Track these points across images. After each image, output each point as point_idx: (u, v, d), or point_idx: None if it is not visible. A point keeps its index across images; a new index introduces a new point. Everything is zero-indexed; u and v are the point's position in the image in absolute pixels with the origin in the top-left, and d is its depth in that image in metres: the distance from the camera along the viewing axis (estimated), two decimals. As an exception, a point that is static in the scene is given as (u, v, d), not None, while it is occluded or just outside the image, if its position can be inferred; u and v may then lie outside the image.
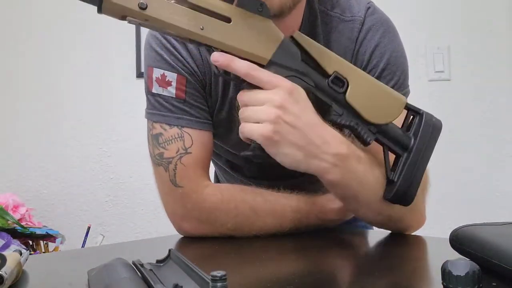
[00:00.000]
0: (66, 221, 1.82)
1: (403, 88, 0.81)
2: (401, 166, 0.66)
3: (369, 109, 0.64)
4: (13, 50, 1.90)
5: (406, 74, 0.82)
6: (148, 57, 0.80)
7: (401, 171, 0.66)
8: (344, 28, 0.81)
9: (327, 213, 0.79)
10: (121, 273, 0.46)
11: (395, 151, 0.67)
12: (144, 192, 1.82)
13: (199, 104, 0.78)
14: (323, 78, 0.64)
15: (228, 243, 0.82)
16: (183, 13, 0.57)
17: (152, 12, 0.55)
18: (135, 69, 1.83)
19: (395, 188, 0.65)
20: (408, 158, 0.66)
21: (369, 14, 0.81)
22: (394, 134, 0.67)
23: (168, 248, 0.56)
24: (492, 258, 0.47)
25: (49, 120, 1.86)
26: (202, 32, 0.57)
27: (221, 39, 0.58)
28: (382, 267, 0.60)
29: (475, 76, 1.73)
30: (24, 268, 0.57)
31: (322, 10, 0.81)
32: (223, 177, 1.07)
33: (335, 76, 0.64)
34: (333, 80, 0.63)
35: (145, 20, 0.56)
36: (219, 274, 0.36)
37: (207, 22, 0.58)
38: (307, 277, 0.53)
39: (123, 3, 0.54)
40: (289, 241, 0.77)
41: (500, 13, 1.73)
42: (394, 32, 0.83)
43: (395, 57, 0.80)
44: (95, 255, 0.76)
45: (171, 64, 0.76)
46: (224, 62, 0.59)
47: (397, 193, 0.66)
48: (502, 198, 1.69)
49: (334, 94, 0.63)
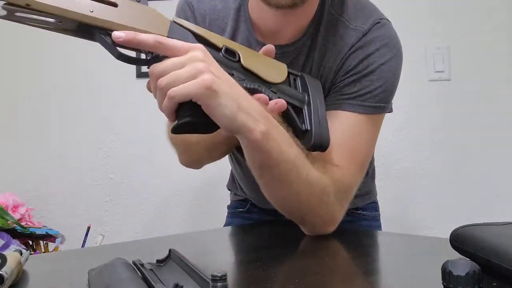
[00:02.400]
0: (66, 221, 1.82)
1: (379, 101, 0.80)
2: (307, 116, 0.73)
3: (264, 72, 0.70)
4: (13, 50, 1.90)
5: (387, 92, 0.81)
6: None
7: (309, 119, 0.73)
8: (345, 34, 0.82)
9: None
10: (121, 273, 0.46)
11: (297, 106, 0.73)
12: (144, 192, 1.82)
13: None
14: (217, 52, 0.67)
15: (228, 243, 0.83)
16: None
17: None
18: (135, 69, 1.83)
19: (312, 134, 0.71)
20: (310, 108, 0.73)
21: (376, 28, 0.82)
22: (290, 92, 0.74)
23: (168, 248, 0.56)
24: (492, 258, 0.47)
25: (49, 120, 1.86)
26: (93, 14, 0.56)
27: (115, 20, 0.57)
28: (382, 267, 0.60)
29: (475, 76, 1.73)
30: (24, 268, 0.57)
31: (332, 13, 0.84)
32: (237, 174, 1.07)
33: (226, 48, 0.68)
34: (226, 51, 0.67)
35: (26, 4, 0.51)
36: (219, 274, 0.36)
37: (94, 6, 0.56)
38: (307, 277, 0.53)
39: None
40: (289, 241, 0.77)
41: (500, 13, 1.73)
42: (394, 51, 0.82)
43: (382, 70, 0.80)
44: (95, 255, 0.76)
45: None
46: (129, 36, 0.57)
47: (315, 138, 0.71)
48: (502, 198, 1.69)
49: (231, 63, 0.68)
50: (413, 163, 1.73)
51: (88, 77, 1.86)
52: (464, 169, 1.71)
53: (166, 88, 0.57)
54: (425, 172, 1.73)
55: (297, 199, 0.72)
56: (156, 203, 1.82)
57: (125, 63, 0.64)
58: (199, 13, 0.87)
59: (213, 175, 1.66)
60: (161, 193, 1.82)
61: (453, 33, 1.74)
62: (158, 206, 1.83)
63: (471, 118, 1.72)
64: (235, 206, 1.13)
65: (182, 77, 0.56)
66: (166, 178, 1.80)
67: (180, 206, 1.81)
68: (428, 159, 1.73)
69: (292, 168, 0.68)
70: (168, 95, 0.57)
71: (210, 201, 1.76)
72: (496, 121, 1.71)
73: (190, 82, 0.56)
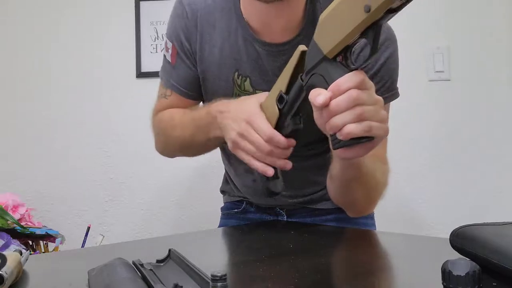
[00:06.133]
0: (66, 221, 1.82)
1: (389, 91, 0.90)
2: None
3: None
4: (13, 50, 1.90)
5: (394, 79, 0.92)
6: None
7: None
8: None
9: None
10: (121, 273, 0.46)
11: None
12: (144, 192, 1.82)
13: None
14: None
15: (228, 243, 0.83)
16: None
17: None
18: (135, 69, 1.83)
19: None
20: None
21: None
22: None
23: (168, 248, 0.56)
24: (492, 258, 0.47)
25: (49, 120, 1.86)
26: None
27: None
28: (382, 267, 0.60)
29: (475, 76, 1.73)
30: (24, 268, 0.57)
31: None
32: (233, 174, 1.08)
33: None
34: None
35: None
36: (219, 274, 0.36)
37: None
38: (307, 277, 0.53)
39: None
40: (289, 241, 0.77)
41: (500, 13, 1.73)
42: (393, 39, 0.90)
43: (388, 63, 0.88)
44: (95, 255, 0.76)
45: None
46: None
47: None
48: (502, 198, 1.69)
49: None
50: (413, 163, 1.73)
51: (88, 77, 1.86)
52: (464, 169, 1.71)
53: (365, 117, 0.59)
54: (425, 172, 1.73)
55: (368, 199, 0.85)
56: (156, 203, 1.82)
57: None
58: (190, 8, 0.91)
59: (214, 176, 1.66)
60: (161, 193, 1.82)
61: (453, 33, 1.74)
62: (158, 206, 1.83)
63: (471, 118, 1.72)
64: (229, 207, 1.12)
65: (382, 118, 0.61)
66: (166, 179, 1.80)
67: (180, 206, 1.81)
68: (428, 159, 1.73)
69: (373, 175, 0.80)
70: (366, 124, 0.59)
71: (210, 201, 1.75)
72: (496, 121, 1.71)
73: (385, 125, 0.62)
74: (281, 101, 0.71)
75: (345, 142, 0.60)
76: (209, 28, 0.90)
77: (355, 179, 0.78)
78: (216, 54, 0.90)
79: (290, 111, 0.71)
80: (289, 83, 0.70)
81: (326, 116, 0.60)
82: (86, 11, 1.86)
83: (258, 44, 0.87)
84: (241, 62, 0.89)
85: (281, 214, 1.03)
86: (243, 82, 0.90)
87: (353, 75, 0.59)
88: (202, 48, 0.92)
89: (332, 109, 0.59)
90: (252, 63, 0.89)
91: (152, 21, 1.83)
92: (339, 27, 0.57)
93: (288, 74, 0.70)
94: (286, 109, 0.71)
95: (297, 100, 0.69)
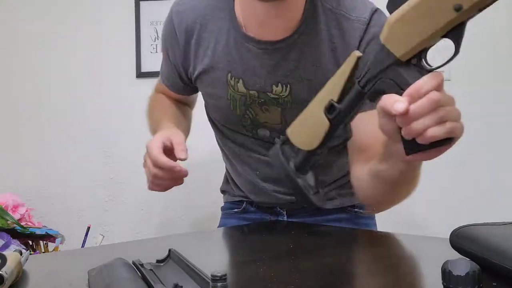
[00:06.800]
0: (66, 221, 1.82)
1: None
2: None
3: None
4: (13, 50, 1.90)
5: None
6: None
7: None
8: (348, 26, 0.83)
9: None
10: (121, 273, 0.46)
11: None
12: (144, 192, 1.82)
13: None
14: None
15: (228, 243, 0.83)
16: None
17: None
18: (135, 69, 1.83)
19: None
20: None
21: (375, 17, 0.84)
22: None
23: (168, 248, 0.56)
24: (492, 258, 0.46)
25: (49, 120, 1.86)
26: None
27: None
28: (382, 267, 0.60)
29: (475, 76, 1.73)
30: (24, 268, 0.57)
31: (327, 8, 0.84)
32: (234, 173, 1.08)
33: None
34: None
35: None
36: (219, 274, 0.36)
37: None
38: (307, 277, 0.53)
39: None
40: (289, 241, 0.77)
41: (500, 13, 1.73)
42: None
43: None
44: (95, 255, 0.76)
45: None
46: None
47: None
48: (502, 198, 1.69)
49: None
50: (413, 163, 1.73)
51: (88, 77, 1.86)
52: (464, 169, 1.71)
53: (447, 119, 0.58)
54: (425, 172, 1.72)
55: (406, 196, 0.86)
56: (156, 203, 1.82)
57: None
58: (178, 17, 0.92)
59: (214, 175, 1.66)
60: (160, 193, 1.82)
61: (453, 33, 1.74)
62: (158, 206, 1.83)
63: (471, 118, 1.72)
64: (229, 207, 1.12)
65: (459, 117, 0.61)
66: (166, 178, 1.80)
67: (180, 206, 1.81)
68: (428, 159, 1.73)
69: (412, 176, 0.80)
70: (449, 126, 0.58)
71: (210, 201, 1.76)
72: (496, 121, 1.71)
73: (462, 124, 0.60)
74: (331, 111, 0.66)
75: (425, 146, 0.58)
76: (202, 32, 0.90)
77: (407, 180, 0.79)
78: (209, 57, 0.90)
79: (344, 119, 0.66)
80: (343, 91, 0.64)
81: (404, 122, 0.57)
82: (86, 11, 1.86)
83: (252, 43, 0.86)
84: (233, 64, 0.89)
85: (282, 214, 1.03)
86: (236, 84, 0.90)
87: (432, 77, 0.57)
88: (196, 54, 0.92)
89: (413, 114, 0.56)
90: (244, 64, 0.88)
91: (152, 21, 1.83)
92: (418, 28, 0.55)
93: (341, 82, 0.64)
94: (340, 118, 0.66)
95: (353, 108, 0.65)
